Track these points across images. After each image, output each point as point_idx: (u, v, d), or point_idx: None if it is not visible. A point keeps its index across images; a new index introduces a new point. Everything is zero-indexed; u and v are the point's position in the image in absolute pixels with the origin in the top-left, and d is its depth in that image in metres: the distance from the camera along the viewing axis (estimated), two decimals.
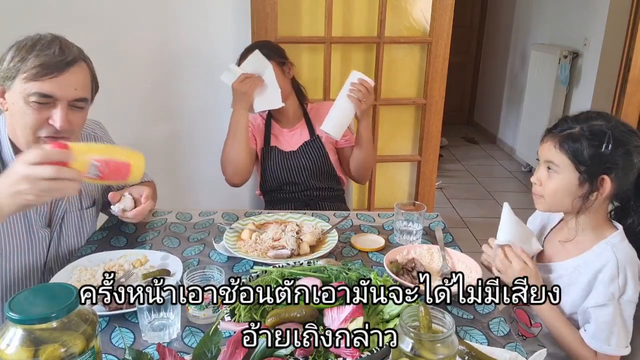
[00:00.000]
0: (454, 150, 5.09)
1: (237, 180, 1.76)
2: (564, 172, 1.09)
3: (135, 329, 0.96)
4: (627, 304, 1.07)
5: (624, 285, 1.07)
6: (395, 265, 1.17)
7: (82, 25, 2.18)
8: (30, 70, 1.04)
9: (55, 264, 1.26)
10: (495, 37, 5.51)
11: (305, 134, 1.83)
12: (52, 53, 1.06)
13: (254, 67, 1.70)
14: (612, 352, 1.07)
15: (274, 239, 1.28)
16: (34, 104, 1.06)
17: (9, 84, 1.06)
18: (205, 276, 1.02)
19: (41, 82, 1.05)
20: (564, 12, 4.00)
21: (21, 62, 1.04)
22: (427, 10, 2.33)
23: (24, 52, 1.05)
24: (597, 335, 1.08)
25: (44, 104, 1.06)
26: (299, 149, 1.81)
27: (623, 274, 1.07)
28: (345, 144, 1.85)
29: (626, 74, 3.08)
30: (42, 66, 1.04)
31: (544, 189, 1.13)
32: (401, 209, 1.34)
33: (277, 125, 1.85)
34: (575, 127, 1.08)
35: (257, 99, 1.70)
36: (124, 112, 2.35)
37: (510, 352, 0.89)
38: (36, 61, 1.04)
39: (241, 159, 1.71)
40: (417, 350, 0.71)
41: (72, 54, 1.09)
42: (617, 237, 1.11)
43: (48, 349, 0.67)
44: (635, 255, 1.10)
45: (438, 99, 2.42)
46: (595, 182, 1.07)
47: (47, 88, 1.05)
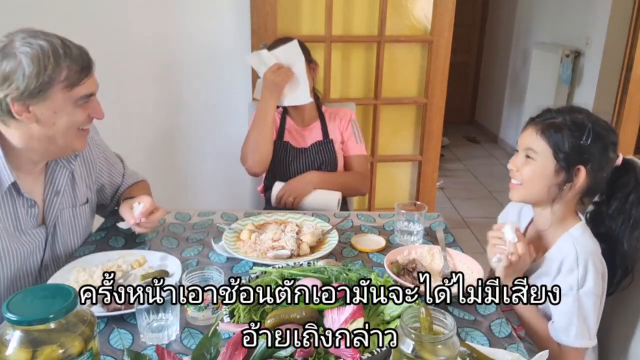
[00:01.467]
0: (455, 150, 5.08)
1: (257, 170, 1.76)
2: (541, 159, 1.12)
3: (133, 330, 0.96)
4: (587, 296, 1.08)
5: (583, 277, 1.08)
6: (396, 265, 1.16)
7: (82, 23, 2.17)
8: (73, 76, 1.07)
9: (51, 262, 1.26)
10: (497, 36, 5.50)
11: (318, 134, 1.84)
12: (78, 55, 1.08)
13: (287, 57, 1.69)
14: (572, 344, 1.08)
15: (273, 240, 1.28)
16: (83, 104, 1.12)
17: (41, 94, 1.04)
18: (204, 277, 1.02)
19: (83, 85, 1.10)
20: (566, 11, 3.99)
21: (56, 71, 1.04)
22: (428, 9, 2.32)
23: (54, 62, 1.04)
24: (556, 326, 1.11)
25: (86, 102, 1.13)
26: (311, 147, 1.82)
27: (583, 267, 1.08)
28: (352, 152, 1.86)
29: (628, 73, 3.07)
30: (81, 70, 1.08)
31: (521, 175, 1.16)
32: (402, 209, 1.34)
33: (291, 122, 1.86)
34: (558, 117, 1.12)
35: (287, 92, 1.71)
36: (123, 111, 2.34)
37: (511, 353, 0.89)
38: (75, 65, 1.07)
39: (266, 148, 1.72)
40: (418, 352, 0.71)
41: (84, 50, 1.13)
42: (579, 230, 1.14)
43: (46, 350, 0.67)
44: (597, 249, 1.12)
45: (439, 98, 2.41)
46: (571, 172, 1.10)
47: (89, 88, 1.12)
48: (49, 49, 1.04)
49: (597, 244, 1.13)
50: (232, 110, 2.38)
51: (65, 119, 1.09)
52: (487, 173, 4.48)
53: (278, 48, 1.71)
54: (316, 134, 1.84)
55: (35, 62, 1.02)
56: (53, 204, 1.24)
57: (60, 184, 1.25)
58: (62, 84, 1.05)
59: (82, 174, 1.33)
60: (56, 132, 1.10)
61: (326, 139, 1.82)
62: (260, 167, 1.75)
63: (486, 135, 5.62)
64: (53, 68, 1.03)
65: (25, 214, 1.18)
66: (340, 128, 1.86)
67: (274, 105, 1.70)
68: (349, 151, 1.86)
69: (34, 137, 1.10)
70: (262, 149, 1.71)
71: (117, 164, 1.46)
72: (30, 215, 1.19)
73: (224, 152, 2.46)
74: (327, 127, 1.84)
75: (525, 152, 1.15)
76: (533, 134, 1.13)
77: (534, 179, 1.14)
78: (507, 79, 5.13)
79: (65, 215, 1.28)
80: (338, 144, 1.84)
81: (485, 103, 5.85)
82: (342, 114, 1.87)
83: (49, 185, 1.24)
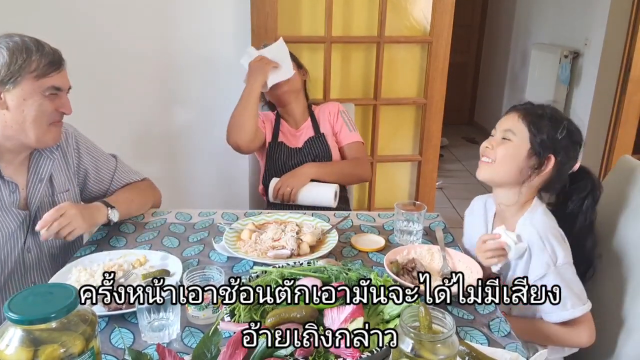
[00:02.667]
0: (455, 150, 5.08)
1: (242, 143, 1.76)
2: (518, 140, 1.19)
3: (134, 330, 0.96)
4: (564, 267, 1.14)
5: (553, 252, 1.14)
6: (395, 265, 1.16)
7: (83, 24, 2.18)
8: (42, 68, 1.18)
9: (33, 246, 1.30)
10: (496, 36, 5.51)
11: (310, 131, 1.88)
12: (49, 51, 1.20)
13: (274, 54, 1.77)
14: (574, 315, 1.13)
15: (273, 239, 1.28)
16: (51, 95, 1.21)
17: (11, 81, 1.16)
18: (205, 276, 1.02)
19: (51, 77, 1.20)
20: (565, 11, 4.00)
21: (27, 61, 1.16)
22: (427, 10, 2.33)
23: (25, 54, 1.16)
24: (551, 308, 1.14)
25: (55, 95, 1.22)
26: (304, 145, 1.85)
27: (548, 243, 1.15)
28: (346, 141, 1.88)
29: (627, 74, 3.08)
30: (51, 63, 1.19)
31: (495, 153, 1.21)
32: (401, 209, 1.34)
33: (285, 124, 1.90)
34: (539, 109, 1.20)
35: (271, 75, 1.76)
36: (124, 112, 2.35)
37: (510, 352, 0.89)
38: (44, 60, 1.18)
39: (249, 123, 1.74)
40: (417, 351, 0.71)
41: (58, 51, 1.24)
42: (533, 208, 1.22)
43: (47, 350, 0.67)
44: (552, 221, 1.20)
45: (438, 99, 2.42)
46: (542, 159, 1.18)
47: (57, 81, 1.22)
48: (22, 45, 1.17)
49: (551, 216, 1.21)
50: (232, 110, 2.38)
51: (34, 107, 1.19)
52: None
53: (268, 47, 1.81)
54: (308, 132, 1.87)
55: (10, 54, 1.15)
56: (36, 189, 1.31)
57: (44, 172, 1.32)
58: (31, 74, 1.16)
59: (60, 166, 1.38)
60: (25, 120, 1.19)
61: (318, 134, 1.86)
62: (243, 140, 1.75)
63: (485, 136, 5.45)
64: (24, 59, 1.15)
65: (8, 196, 1.25)
66: (330, 121, 1.89)
67: (258, 87, 1.74)
68: (344, 140, 1.88)
69: (7, 125, 1.19)
70: (245, 123, 1.74)
71: (106, 160, 1.49)
72: (13, 198, 1.26)
73: (225, 152, 2.45)
74: (318, 123, 1.88)
75: (503, 133, 1.21)
76: (515, 118, 1.21)
77: (506, 158, 1.20)
78: (506, 79, 5.14)
79: (46, 203, 1.33)
80: (330, 137, 1.87)
81: (484, 103, 5.86)
82: (330, 107, 1.91)
83: (32, 173, 1.31)
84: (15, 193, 1.27)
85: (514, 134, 1.19)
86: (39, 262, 1.31)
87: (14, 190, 1.26)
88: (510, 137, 1.20)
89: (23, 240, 1.28)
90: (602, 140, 3.35)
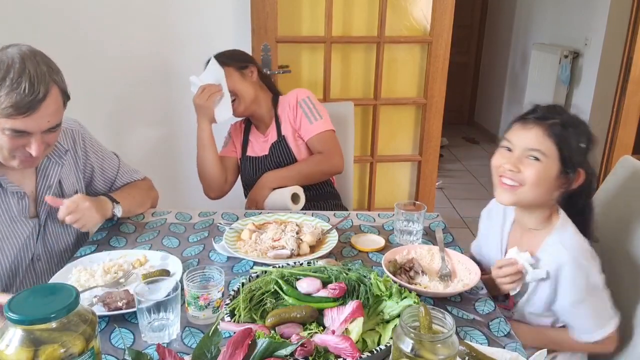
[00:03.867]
0: (455, 150, 5.08)
1: (212, 195, 1.77)
2: (548, 161, 1.08)
3: (134, 330, 0.96)
4: (596, 292, 1.11)
5: (588, 276, 1.09)
6: (393, 264, 1.16)
7: (81, 25, 2.18)
8: (3, 110, 1.04)
9: (43, 254, 1.29)
10: (496, 36, 5.51)
11: (275, 135, 1.75)
12: (22, 91, 1.04)
13: (213, 75, 1.68)
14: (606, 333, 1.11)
15: (273, 239, 1.28)
16: (10, 134, 1.08)
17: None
18: (205, 276, 1.02)
19: (14, 120, 1.06)
20: (565, 11, 4.00)
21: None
22: (427, 10, 2.33)
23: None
24: (581, 330, 1.12)
25: (19, 135, 1.09)
26: (270, 151, 1.75)
27: (583, 267, 1.09)
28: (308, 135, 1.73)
29: (627, 74, 3.08)
30: (13, 107, 1.04)
31: (523, 176, 1.09)
32: (401, 209, 1.34)
33: (255, 131, 1.82)
34: (556, 117, 1.10)
35: (217, 109, 1.68)
36: (124, 112, 2.35)
37: (510, 352, 0.89)
38: (7, 100, 1.03)
39: (211, 172, 1.72)
40: (417, 351, 0.71)
41: (43, 86, 1.07)
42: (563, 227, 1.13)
43: (47, 350, 0.67)
44: (582, 241, 1.13)
45: (438, 99, 2.42)
46: (573, 174, 1.09)
47: (20, 125, 1.07)
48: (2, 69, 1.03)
49: (582, 237, 1.13)
50: None
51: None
52: (486, 173, 4.42)
53: (204, 72, 1.70)
54: (273, 135, 1.76)
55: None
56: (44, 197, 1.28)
57: (52, 179, 1.29)
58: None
59: (70, 168, 1.36)
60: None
61: (279, 137, 1.74)
62: (214, 192, 1.76)
63: (485, 136, 5.62)
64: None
65: (17, 204, 1.22)
66: (290, 117, 1.74)
67: (207, 128, 1.69)
68: (306, 135, 1.72)
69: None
70: (206, 172, 1.72)
71: (110, 158, 1.48)
72: (22, 206, 1.23)
73: None
74: (280, 122, 1.75)
75: (529, 152, 1.09)
76: (539, 134, 1.08)
77: (538, 182, 1.08)
78: (506, 79, 5.14)
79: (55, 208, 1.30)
80: (291, 137, 1.73)
81: (484, 104, 5.86)
82: (288, 100, 1.75)
83: (41, 180, 1.28)
84: (23, 200, 1.24)
85: (544, 155, 1.07)
86: (49, 270, 1.31)
87: (22, 197, 1.23)
88: (540, 158, 1.08)
89: (32, 251, 1.26)
90: (602, 140, 3.35)
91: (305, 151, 1.75)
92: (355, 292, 0.97)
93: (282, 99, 1.79)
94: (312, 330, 0.87)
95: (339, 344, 0.81)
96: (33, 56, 1.09)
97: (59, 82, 1.14)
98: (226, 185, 1.79)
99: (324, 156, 1.70)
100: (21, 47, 1.10)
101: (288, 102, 1.75)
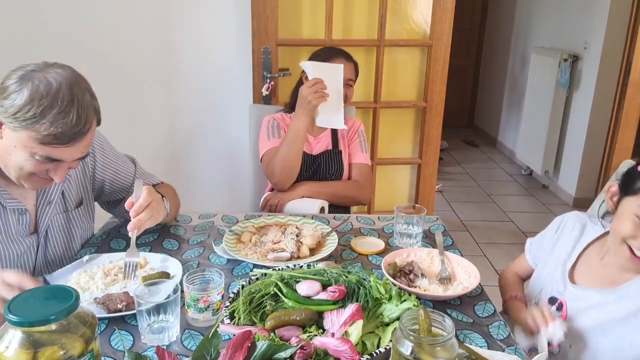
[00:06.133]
0: (454, 153, 5.09)
1: (285, 184, 1.73)
2: None
3: (134, 332, 0.96)
4: None
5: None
6: (392, 267, 1.17)
7: (84, 27, 2.18)
8: (45, 136, 1.00)
9: (44, 268, 1.25)
10: (496, 40, 5.52)
11: (328, 143, 1.83)
12: (69, 122, 1.01)
13: (328, 75, 1.66)
14: None
15: (273, 242, 1.28)
16: (40, 159, 1.05)
17: (12, 125, 1.01)
18: (205, 279, 1.02)
19: (52, 148, 1.03)
20: (564, 15, 4.01)
21: (34, 121, 0.99)
22: (427, 13, 2.33)
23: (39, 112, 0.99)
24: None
25: (49, 161, 1.06)
26: (320, 155, 1.80)
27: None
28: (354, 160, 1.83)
29: (626, 78, 3.08)
30: (56, 136, 1.01)
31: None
32: (401, 212, 1.34)
33: None
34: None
35: (321, 112, 1.67)
36: (124, 114, 2.35)
37: (510, 355, 0.89)
38: (52, 129, 1.00)
39: (295, 164, 1.69)
40: (416, 354, 0.71)
41: (88, 119, 1.05)
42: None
43: (47, 352, 0.67)
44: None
45: (438, 102, 2.42)
46: None
47: (57, 154, 1.05)
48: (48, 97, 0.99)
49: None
50: (232, 113, 2.39)
51: (18, 158, 1.05)
52: (486, 176, 4.49)
53: (324, 64, 1.70)
54: (325, 143, 1.82)
55: (28, 99, 0.98)
56: (45, 212, 1.23)
57: (53, 195, 1.24)
58: (33, 133, 1.00)
59: (76, 176, 1.30)
60: (8, 162, 1.07)
61: (335, 149, 1.82)
62: (287, 182, 1.72)
63: (485, 139, 5.63)
64: (34, 116, 0.99)
65: (17, 222, 1.18)
66: (347, 138, 1.85)
67: (305, 122, 1.66)
68: (352, 159, 1.84)
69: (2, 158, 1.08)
70: (291, 165, 1.68)
71: (124, 163, 1.41)
72: (22, 223, 1.19)
73: (225, 154, 2.47)
74: (338, 137, 1.83)
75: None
76: None
77: None
78: (506, 82, 5.15)
79: (57, 221, 1.26)
80: (345, 155, 1.83)
81: (484, 107, 5.87)
82: (350, 124, 1.84)
83: (41, 196, 1.23)
84: (24, 216, 1.19)
85: None
86: None
87: (23, 213, 1.18)
88: None
89: (32, 267, 1.22)
90: (602, 144, 3.36)
91: (347, 172, 1.84)
92: (355, 295, 0.97)
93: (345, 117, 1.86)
94: (311, 333, 0.87)
95: (339, 346, 0.81)
96: (77, 82, 1.05)
97: (98, 111, 1.10)
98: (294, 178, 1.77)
99: (359, 185, 1.81)
100: (65, 69, 1.05)
101: (349, 125, 1.83)
